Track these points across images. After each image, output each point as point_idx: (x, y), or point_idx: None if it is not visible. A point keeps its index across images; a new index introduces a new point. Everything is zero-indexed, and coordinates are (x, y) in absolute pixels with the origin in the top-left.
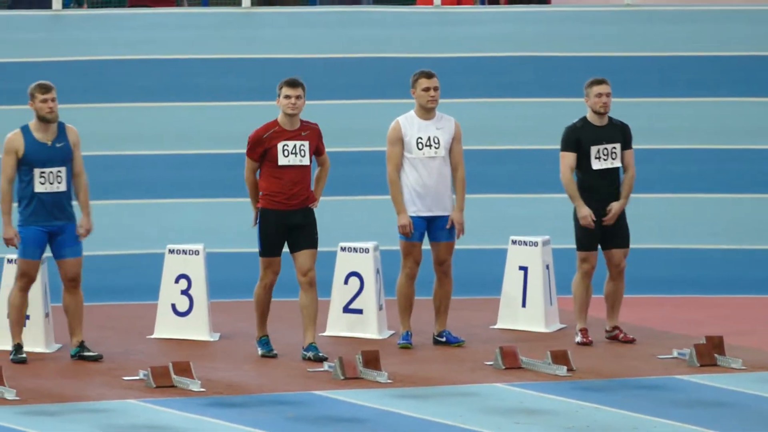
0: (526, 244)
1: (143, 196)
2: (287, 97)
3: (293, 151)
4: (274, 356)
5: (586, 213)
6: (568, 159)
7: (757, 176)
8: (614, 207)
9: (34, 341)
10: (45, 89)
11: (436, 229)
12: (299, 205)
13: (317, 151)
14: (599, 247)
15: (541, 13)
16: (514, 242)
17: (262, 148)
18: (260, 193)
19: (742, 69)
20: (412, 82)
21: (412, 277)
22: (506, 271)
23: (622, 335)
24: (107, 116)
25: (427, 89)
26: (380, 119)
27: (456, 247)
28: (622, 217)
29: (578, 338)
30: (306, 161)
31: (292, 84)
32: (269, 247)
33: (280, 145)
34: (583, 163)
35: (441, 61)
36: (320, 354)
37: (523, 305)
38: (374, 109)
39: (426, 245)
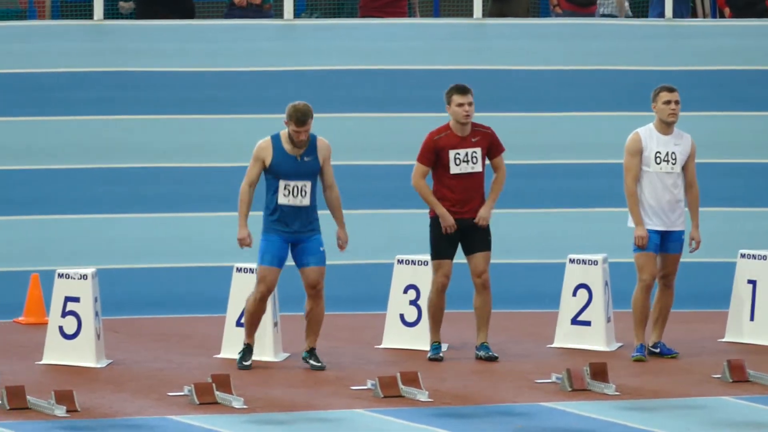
0: (755, 258)
1: (373, 206)
2: (460, 105)
3: (465, 159)
4: (441, 359)
5: None
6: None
7: None
8: None
9: (263, 350)
10: (298, 121)
11: (668, 241)
12: (471, 213)
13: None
14: None
15: (762, 27)
16: (743, 255)
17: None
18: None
19: None
20: (653, 96)
21: (649, 289)
22: (735, 284)
23: None
24: (335, 125)
25: (668, 102)
26: (611, 132)
27: (687, 260)
28: None
29: None
30: (478, 168)
31: (463, 91)
32: (441, 250)
33: (452, 153)
34: None
35: (672, 75)
36: (492, 354)
37: (751, 318)
38: (605, 121)
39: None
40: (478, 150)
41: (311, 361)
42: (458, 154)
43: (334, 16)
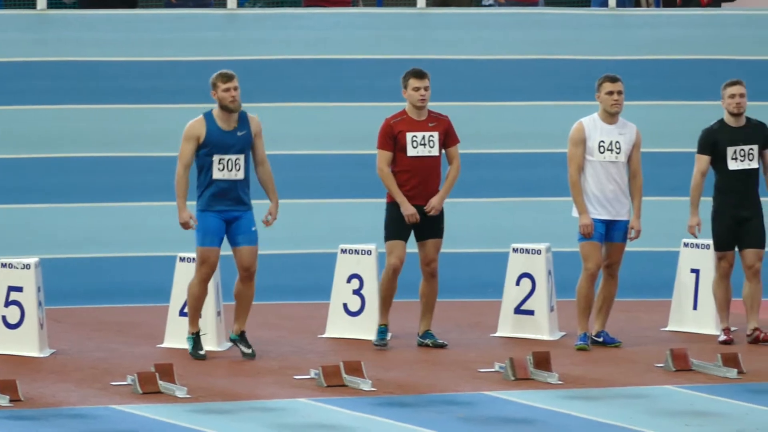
0: (698, 247)
1: (317, 196)
2: (416, 89)
3: (422, 142)
4: (386, 346)
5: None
6: (701, 162)
7: None
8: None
9: (206, 340)
10: (227, 78)
11: (613, 231)
12: (425, 201)
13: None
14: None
15: (706, 17)
16: (686, 245)
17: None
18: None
19: None
20: (597, 86)
21: (593, 278)
22: (678, 274)
23: (762, 335)
24: (278, 115)
25: (611, 92)
26: (555, 121)
27: (631, 249)
28: (758, 216)
29: (721, 337)
30: (435, 152)
31: (420, 75)
32: (395, 233)
33: (409, 135)
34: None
35: (616, 64)
36: (439, 341)
37: (694, 308)
38: (548, 111)
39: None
40: (435, 134)
41: (241, 347)
42: (415, 137)
43: (278, 6)
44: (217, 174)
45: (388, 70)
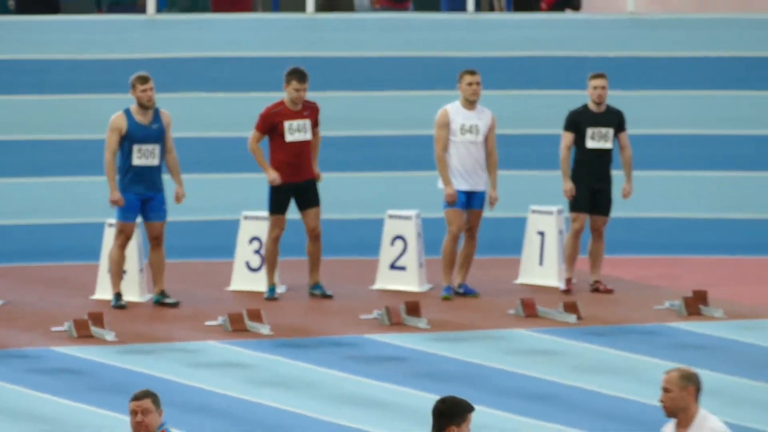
0: (543, 213)
1: (222, 171)
2: (297, 90)
3: (297, 129)
4: (276, 299)
5: (569, 187)
6: (567, 138)
7: (739, 158)
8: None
9: (130, 292)
10: (144, 80)
11: (472, 200)
12: (302, 177)
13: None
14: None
15: (550, 20)
16: (533, 211)
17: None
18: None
19: None
20: (458, 78)
21: (456, 240)
22: (526, 235)
23: (602, 287)
24: (191, 104)
25: (470, 84)
26: (424, 108)
27: (488, 216)
28: (608, 189)
29: (563, 287)
30: (308, 136)
31: (302, 79)
32: (277, 207)
33: (286, 124)
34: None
35: (475, 61)
36: (327, 292)
37: (540, 264)
38: (418, 99)
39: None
40: (308, 121)
41: (167, 301)
42: (292, 125)
43: (190, 12)
44: (136, 161)
45: (283, 66)
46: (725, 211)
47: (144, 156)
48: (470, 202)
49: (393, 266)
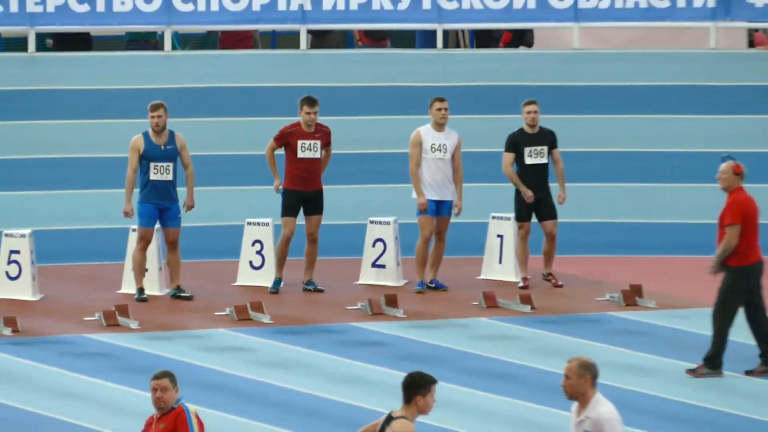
0: (502, 219)
1: (229, 184)
2: (308, 113)
3: (309, 148)
4: (277, 292)
5: (529, 194)
6: (508, 157)
7: (669, 171)
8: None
9: (151, 287)
10: (154, 108)
11: (441, 208)
12: (311, 188)
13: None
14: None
15: (507, 55)
16: (493, 217)
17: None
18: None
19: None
20: (430, 104)
21: (427, 242)
22: (488, 238)
23: (554, 280)
24: (209, 128)
25: (439, 109)
26: (400, 129)
27: (455, 221)
28: (549, 196)
29: (521, 284)
30: (318, 155)
31: (312, 103)
32: (288, 211)
33: (300, 142)
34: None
35: (443, 89)
36: (318, 287)
37: (500, 262)
38: (396, 122)
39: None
40: (319, 142)
41: (182, 294)
42: (304, 144)
43: (201, 49)
44: (152, 176)
45: (281, 95)
46: (656, 217)
47: (159, 172)
48: (439, 210)
49: (374, 264)
